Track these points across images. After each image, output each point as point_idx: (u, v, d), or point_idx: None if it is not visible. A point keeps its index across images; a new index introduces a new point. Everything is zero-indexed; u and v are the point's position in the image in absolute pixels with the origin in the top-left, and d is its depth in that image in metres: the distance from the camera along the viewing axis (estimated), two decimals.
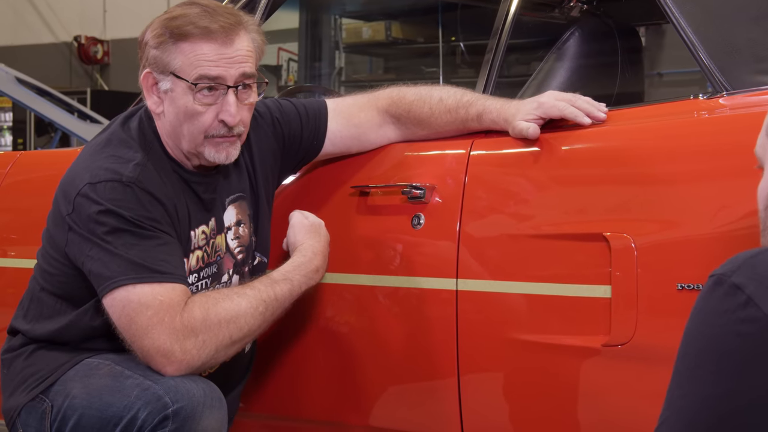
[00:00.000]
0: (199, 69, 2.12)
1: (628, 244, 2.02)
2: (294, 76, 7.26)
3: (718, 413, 1.28)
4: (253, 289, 2.13)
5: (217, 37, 2.13)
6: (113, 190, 2.07)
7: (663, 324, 1.99)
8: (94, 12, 11.92)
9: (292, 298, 2.18)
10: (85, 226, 2.08)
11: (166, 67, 2.14)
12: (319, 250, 2.26)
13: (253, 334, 2.13)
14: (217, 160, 2.19)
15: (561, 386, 2.13)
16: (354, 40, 6.59)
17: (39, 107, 5.36)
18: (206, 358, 2.05)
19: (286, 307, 2.17)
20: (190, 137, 2.17)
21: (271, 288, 2.14)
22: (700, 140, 2.09)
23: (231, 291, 2.12)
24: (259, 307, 2.10)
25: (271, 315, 2.13)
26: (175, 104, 2.16)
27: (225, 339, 2.06)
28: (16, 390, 2.21)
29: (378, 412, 2.39)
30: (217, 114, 2.15)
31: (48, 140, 9.84)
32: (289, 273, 2.19)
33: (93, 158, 2.15)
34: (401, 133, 2.41)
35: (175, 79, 2.14)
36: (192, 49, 2.13)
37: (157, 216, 2.10)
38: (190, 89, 2.14)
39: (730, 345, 1.27)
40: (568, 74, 2.67)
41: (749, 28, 2.22)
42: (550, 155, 2.18)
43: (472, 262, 2.22)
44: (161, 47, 2.14)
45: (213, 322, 2.04)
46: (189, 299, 2.05)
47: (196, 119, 2.15)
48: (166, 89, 2.16)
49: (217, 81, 2.14)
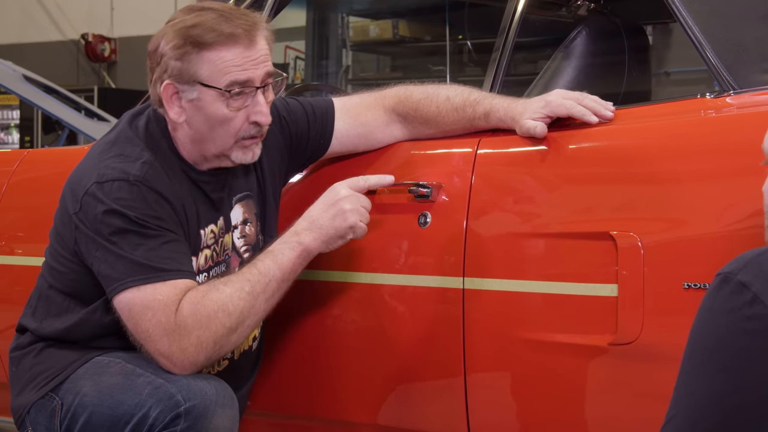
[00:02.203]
0: (229, 76, 2.12)
1: (635, 242, 2.02)
2: (301, 74, 7.26)
3: (725, 410, 1.28)
4: (237, 274, 2.11)
5: (240, 41, 2.13)
6: (120, 189, 2.08)
7: (669, 323, 1.99)
8: (102, 10, 11.93)
9: (281, 269, 2.11)
10: (92, 225, 2.08)
11: (192, 77, 2.13)
12: (312, 216, 2.18)
13: (250, 316, 2.08)
14: (244, 161, 2.21)
15: (567, 385, 2.13)
16: (361, 38, 6.58)
17: (46, 105, 5.37)
18: (208, 354, 2.05)
19: (280, 280, 2.12)
20: (221, 142, 2.18)
21: (254, 266, 2.12)
22: (707, 139, 2.08)
23: (218, 280, 2.10)
24: (244, 287, 2.08)
25: (262, 291, 2.09)
26: (204, 112, 2.15)
27: (219, 329, 2.04)
28: (25, 388, 2.21)
29: (385, 411, 2.39)
30: (248, 116, 2.16)
31: (55, 138, 9.85)
32: (270, 246, 2.17)
33: (101, 157, 2.16)
34: (408, 131, 2.41)
35: (204, 88, 2.13)
36: (218, 56, 2.12)
37: (163, 215, 2.10)
38: (221, 96, 2.13)
39: (736, 342, 1.28)
40: (575, 73, 2.67)
41: (756, 27, 2.22)
42: (557, 154, 2.18)
43: (479, 261, 2.22)
44: (184, 58, 2.12)
45: (203, 315, 2.03)
46: (184, 296, 2.05)
47: (228, 124, 2.16)
48: (191, 99, 2.15)
49: (246, 84, 2.14)
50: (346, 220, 2.17)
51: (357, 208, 2.18)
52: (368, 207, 2.22)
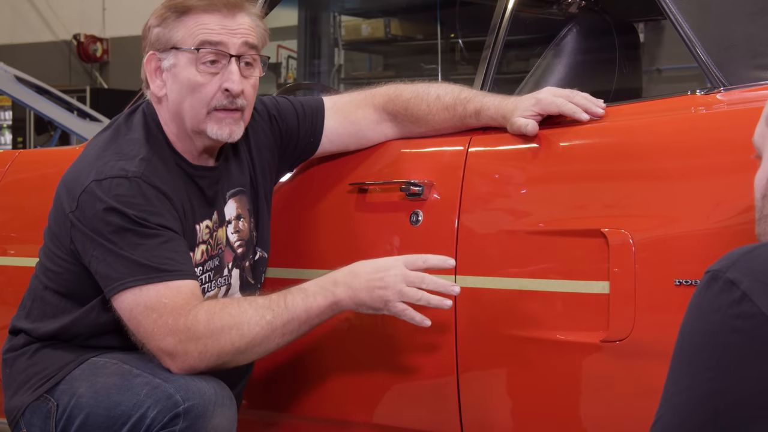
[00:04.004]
0: (201, 36, 2.14)
1: (626, 239, 2.02)
2: (293, 73, 7.26)
3: (714, 409, 1.28)
4: (265, 299, 2.07)
5: (219, 9, 2.16)
6: (119, 186, 2.07)
7: (661, 319, 1.99)
8: (94, 10, 11.91)
9: (308, 312, 2.06)
10: (90, 224, 2.08)
11: (168, 42, 2.16)
12: (356, 272, 2.10)
13: (261, 345, 2.05)
14: (220, 137, 2.19)
15: (559, 382, 2.13)
16: (353, 37, 6.58)
17: (38, 106, 5.37)
18: (209, 364, 2.04)
19: (302, 322, 2.07)
20: (192, 112, 2.17)
21: (283, 297, 2.07)
22: (697, 136, 2.09)
23: (243, 299, 2.08)
24: (266, 315, 2.04)
25: (281, 326, 2.04)
26: (178, 79, 2.17)
27: (227, 346, 2.02)
28: (19, 389, 2.20)
29: (378, 409, 2.39)
30: (221, 85, 2.16)
31: (47, 139, 9.82)
32: (306, 284, 2.11)
33: (97, 155, 2.15)
34: (399, 130, 2.41)
35: (178, 52, 2.16)
36: (195, 20, 2.15)
37: (163, 211, 2.09)
38: (193, 60, 2.15)
39: (725, 341, 1.28)
40: (566, 70, 2.67)
41: (746, 24, 2.23)
42: (548, 151, 2.19)
43: (471, 259, 2.23)
44: (164, 24, 2.17)
45: (215, 326, 2.02)
46: (199, 303, 2.04)
47: (199, 91, 2.16)
48: (168, 66, 2.17)
49: (219, 48, 2.15)
50: (383, 294, 2.08)
51: (399, 288, 2.07)
52: (414, 295, 2.07)
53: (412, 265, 2.10)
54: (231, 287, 2.33)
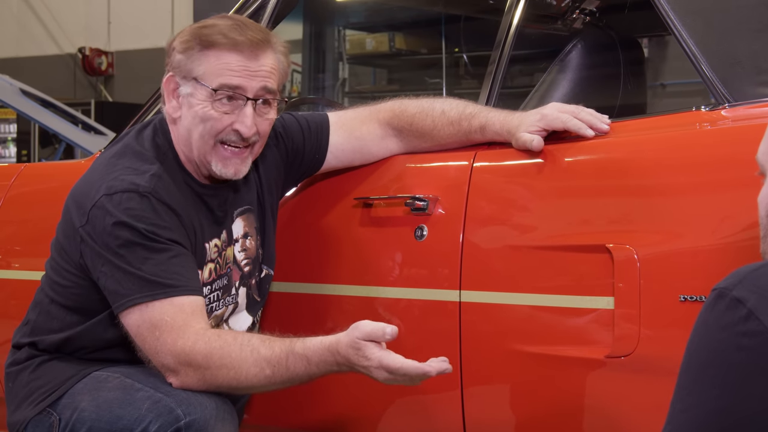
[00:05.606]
0: (221, 78, 2.14)
1: (631, 255, 2.02)
2: (298, 87, 7.27)
3: (720, 427, 1.28)
4: (267, 347, 2.02)
5: (243, 50, 2.15)
6: (130, 200, 2.08)
7: (666, 336, 1.99)
8: (99, 24, 11.93)
9: (309, 375, 2.02)
10: (100, 238, 2.08)
11: (190, 72, 2.16)
12: (356, 359, 1.98)
13: (257, 389, 2.08)
14: (224, 174, 2.20)
15: (564, 398, 2.13)
16: (357, 51, 6.60)
17: (43, 119, 5.38)
18: (207, 389, 2.05)
19: (299, 382, 2.04)
20: (201, 141, 2.18)
21: (286, 357, 2.00)
22: (702, 152, 2.09)
23: (245, 341, 2.03)
24: (266, 370, 2.01)
25: (280, 382, 2.02)
26: (193, 109, 2.17)
27: (223, 382, 2.03)
28: (22, 403, 2.21)
29: (382, 424, 2.39)
30: (232, 123, 2.17)
31: (52, 152, 9.83)
32: (309, 348, 2.00)
33: (108, 169, 2.16)
34: (403, 145, 2.41)
35: (197, 85, 2.16)
36: (217, 57, 2.15)
37: (172, 226, 2.10)
38: (209, 97, 2.15)
39: (731, 359, 1.28)
40: (570, 86, 2.67)
41: (751, 41, 2.23)
42: (553, 167, 2.19)
43: (475, 274, 2.22)
44: (187, 53, 2.17)
45: (214, 362, 2.01)
46: (201, 327, 2.04)
47: (210, 122, 2.16)
48: (186, 94, 2.18)
49: (237, 91, 2.15)
50: (380, 375, 1.98)
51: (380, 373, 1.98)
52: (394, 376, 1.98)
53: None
54: (238, 306, 2.33)
